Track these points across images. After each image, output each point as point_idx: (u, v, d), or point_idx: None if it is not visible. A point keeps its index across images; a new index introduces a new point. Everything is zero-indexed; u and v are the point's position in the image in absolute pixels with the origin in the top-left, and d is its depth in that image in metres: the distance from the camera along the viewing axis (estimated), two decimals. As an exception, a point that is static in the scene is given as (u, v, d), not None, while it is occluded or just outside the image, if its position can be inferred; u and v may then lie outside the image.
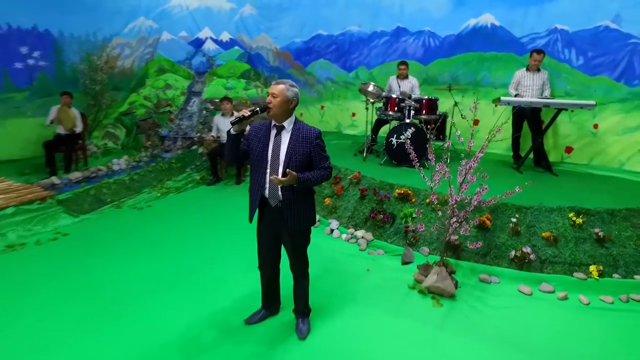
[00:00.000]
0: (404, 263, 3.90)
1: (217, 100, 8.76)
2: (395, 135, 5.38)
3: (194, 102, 8.77)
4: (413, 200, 4.39)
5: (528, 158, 5.68)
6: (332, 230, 4.51)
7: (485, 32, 6.55)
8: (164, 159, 7.04)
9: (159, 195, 5.73)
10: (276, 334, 2.82)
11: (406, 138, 4.53)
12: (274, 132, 2.47)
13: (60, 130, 6.35)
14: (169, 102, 8.58)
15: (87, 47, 7.90)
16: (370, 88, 5.72)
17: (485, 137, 3.38)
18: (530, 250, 3.69)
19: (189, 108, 8.65)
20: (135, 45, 8.86)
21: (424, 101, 5.49)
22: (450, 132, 6.01)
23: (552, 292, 3.44)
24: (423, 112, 5.49)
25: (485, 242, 3.83)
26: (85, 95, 7.82)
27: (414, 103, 5.42)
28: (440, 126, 5.80)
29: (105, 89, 8.03)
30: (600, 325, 3.06)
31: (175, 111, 8.43)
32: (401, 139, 5.36)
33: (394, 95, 5.56)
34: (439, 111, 5.77)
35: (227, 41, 9.34)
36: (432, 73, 7.19)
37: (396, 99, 5.52)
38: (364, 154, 6.01)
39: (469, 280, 3.61)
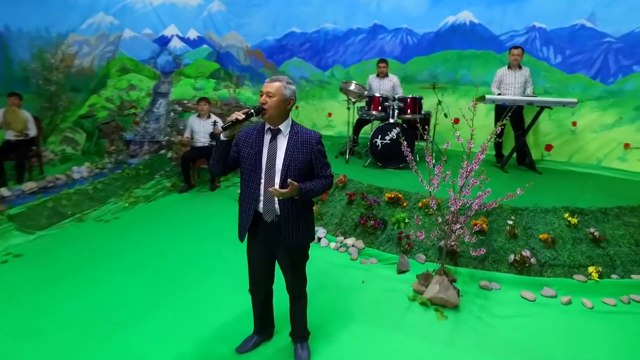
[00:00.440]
0: (400, 272, 3.68)
1: (186, 101, 8.30)
2: (380, 136, 5.16)
3: (161, 103, 8.23)
4: (404, 205, 4.18)
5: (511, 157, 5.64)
6: (319, 239, 4.23)
7: (464, 29, 6.47)
8: (131, 165, 6.51)
9: (126, 205, 5.25)
10: (272, 363, 2.52)
11: (391, 138, 4.33)
12: (268, 137, 2.17)
13: (9, 135, 5.71)
14: (134, 104, 8.01)
15: (39, 44, 7.23)
16: (352, 87, 5.49)
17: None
18: (530, 253, 3.57)
19: (155, 110, 8.11)
20: (95, 42, 8.22)
21: (408, 100, 5.31)
22: (434, 132, 5.88)
23: (554, 297, 3.33)
24: (408, 111, 5.30)
25: (482, 247, 3.67)
26: (39, 96, 7.15)
27: (398, 102, 5.23)
28: (421, 125, 5.65)
29: (61, 90, 7.38)
30: (607, 329, 2.97)
31: (141, 113, 7.88)
32: (386, 140, 5.15)
33: (377, 94, 5.34)
34: (423, 110, 5.61)
35: (194, 39, 8.85)
36: (411, 71, 7.05)
37: (380, 98, 5.31)
38: (347, 155, 5.77)
39: (469, 288, 3.44)
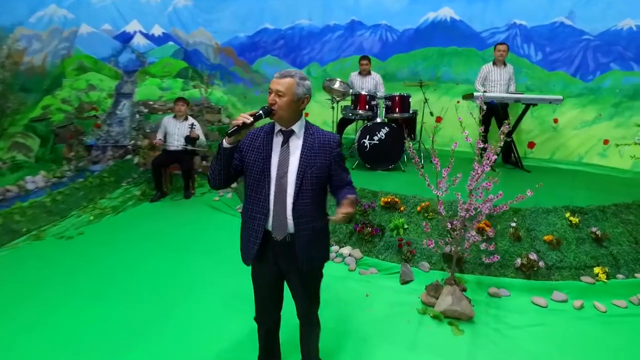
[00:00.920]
0: (404, 282, 3.43)
1: (152, 102, 7.74)
2: (368, 136, 4.92)
3: (124, 105, 7.62)
4: (401, 209, 3.95)
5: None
6: (312, 248, 3.91)
7: (445, 26, 6.37)
8: (93, 172, 5.93)
9: (91, 218, 4.70)
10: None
11: (380, 139, 4.09)
12: (279, 140, 1.83)
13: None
14: (94, 106, 7.36)
15: (-20, 38, 6.46)
16: (337, 85, 5.21)
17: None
18: (537, 256, 3.42)
19: (118, 112, 7.50)
20: (47, 38, 7.48)
21: (396, 98, 5.10)
22: (421, 131, 5.71)
23: (565, 302, 3.20)
24: (396, 110, 5.09)
25: (482, 251, 3.49)
26: (-18, 97, 6.39)
27: (386, 101, 5.01)
28: (410, 124, 5.47)
29: (9, 90, 6.63)
30: (623, 334, 2.86)
31: (103, 116, 7.25)
32: (374, 140, 4.92)
33: (363, 92, 5.10)
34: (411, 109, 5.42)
35: (159, 36, 8.26)
36: (391, 69, 6.88)
37: (366, 97, 5.07)
38: (331, 157, 5.48)
39: (478, 296, 3.25)
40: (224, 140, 1.74)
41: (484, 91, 5.45)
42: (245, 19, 7.95)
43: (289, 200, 1.80)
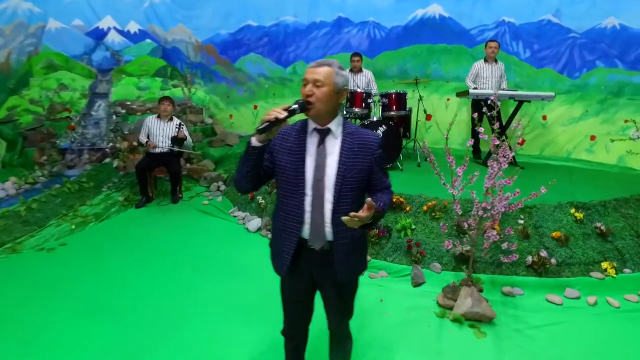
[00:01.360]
0: (416, 285, 3.33)
1: (130, 102, 7.35)
2: (365, 135, 4.78)
3: (100, 105, 7.19)
4: (407, 209, 3.84)
5: (485, 150, 5.57)
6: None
7: (434, 23, 6.33)
8: (70, 177, 5.52)
9: (73, 227, 4.35)
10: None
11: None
12: (313, 140, 1.66)
13: None
14: (67, 107, 6.91)
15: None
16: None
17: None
18: (547, 253, 3.39)
19: (93, 113, 7.07)
20: (10, 33, 6.97)
21: (393, 96, 4.99)
22: (416, 129, 5.64)
23: (579, 298, 3.18)
24: (393, 107, 4.99)
25: (498, 250, 3.44)
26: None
27: (383, 98, 4.90)
28: (405, 122, 5.39)
29: (-30, 90, 6.12)
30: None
31: (76, 117, 6.81)
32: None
33: (359, 90, 4.96)
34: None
35: (135, 33, 7.86)
36: (379, 66, 6.79)
37: (362, 94, 4.94)
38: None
39: (493, 296, 3.17)
40: (252, 138, 1.55)
41: (474, 87, 5.45)
42: (228, 16, 7.68)
43: (328, 206, 1.63)
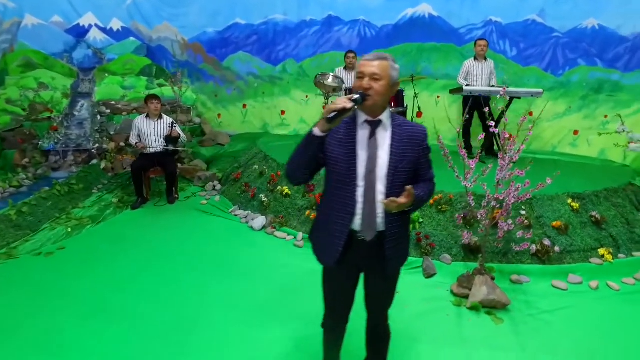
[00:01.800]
0: (428, 276, 3.41)
1: (114, 102, 7.15)
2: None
3: (83, 105, 6.96)
4: (413, 203, 3.92)
5: (477, 146, 5.75)
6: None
7: (424, 22, 6.47)
8: (58, 180, 5.31)
9: (69, 230, 4.20)
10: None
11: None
12: (364, 132, 1.68)
13: None
14: (48, 107, 6.64)
15: None
16: (330, 80, 5.09)
17: (502, 128, 3.15)
18: (550, 242, 3.55)
19: (77, 113, 6.83)
20: (-16, 30, 6.64)
21: (391, 93, 5.06)
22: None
23: (581, 284, 3.34)
24: (391, 104, 5.07)
25: (503, 240, 3.56)
26: None
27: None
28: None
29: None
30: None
31: (59, 118, 6.56)
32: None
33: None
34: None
35: (118, 30, 7.63)
36: (370, 65, 6.87)
37: (361, 92, 4.99)
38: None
39: (502, 284, 3.27)
40: (315, 128, 1.57)
41: (466, 84, 5.61)
42: (215, 14, 7.56)
43: (380, 197, 1.66)
